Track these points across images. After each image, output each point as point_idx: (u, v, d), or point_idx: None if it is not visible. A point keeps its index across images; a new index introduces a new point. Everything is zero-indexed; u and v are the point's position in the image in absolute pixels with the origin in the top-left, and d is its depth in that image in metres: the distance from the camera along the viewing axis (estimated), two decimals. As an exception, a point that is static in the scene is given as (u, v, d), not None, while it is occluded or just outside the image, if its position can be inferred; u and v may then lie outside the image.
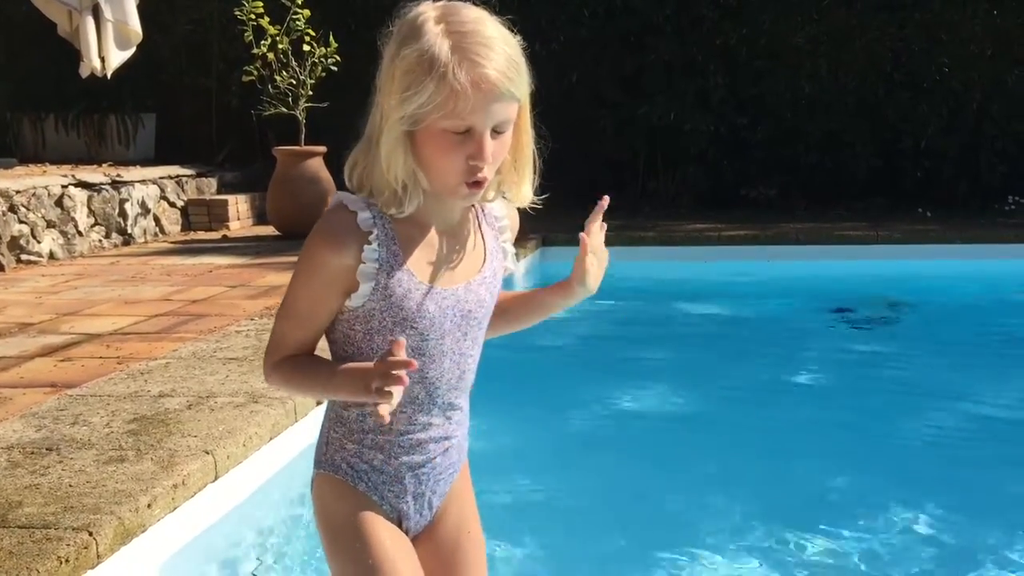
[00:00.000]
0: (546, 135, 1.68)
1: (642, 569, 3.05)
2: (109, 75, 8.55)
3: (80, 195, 7.82)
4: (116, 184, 8.28)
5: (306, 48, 8.09)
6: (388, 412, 1.48)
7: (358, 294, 1.61)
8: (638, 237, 8.37)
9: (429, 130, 1.52)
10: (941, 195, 10.40)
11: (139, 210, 8.55)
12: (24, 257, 7.17)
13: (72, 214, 7.70)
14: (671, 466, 3.98)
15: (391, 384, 1.45)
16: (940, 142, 10.34)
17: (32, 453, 3.01)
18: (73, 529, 2.44)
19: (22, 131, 10.73)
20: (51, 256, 7.44)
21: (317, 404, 3.56)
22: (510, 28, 1.57)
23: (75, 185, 7.82)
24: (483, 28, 1.52)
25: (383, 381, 1.46)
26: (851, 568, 3.09)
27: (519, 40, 1.57)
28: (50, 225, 7.49)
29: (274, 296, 5.64)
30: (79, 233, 7.78)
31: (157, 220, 8.83)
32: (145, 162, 10.02)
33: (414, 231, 1.63)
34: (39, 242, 7.34)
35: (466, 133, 1.52)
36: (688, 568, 3.06)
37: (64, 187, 7.67)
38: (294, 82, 8.08)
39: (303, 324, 1.65)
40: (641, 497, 3.68)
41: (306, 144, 8.26)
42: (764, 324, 6.69)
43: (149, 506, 2.65)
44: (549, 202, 1.74)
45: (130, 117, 10.62)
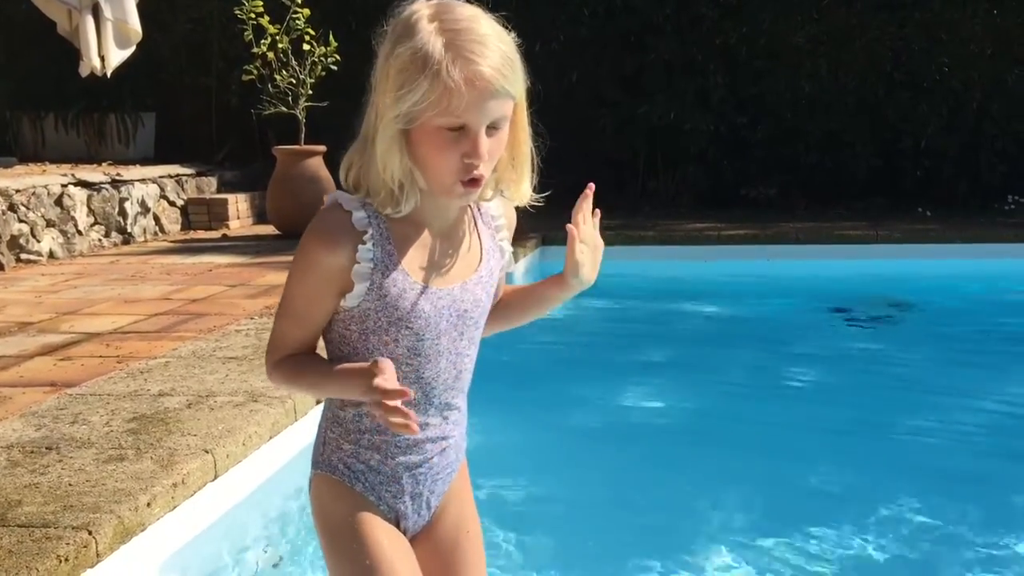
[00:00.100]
0: (544, 133, 1.67)
1: (642, 567, 3.05)
2: (109, 74, 8.54)
3: (80, 194, 7.82)
4: (116, 183, 8.28)
5: (306, 47, 8.09)
6: (413, 428, 1.49)
7: (353, 294, 1.61)
8: (638, 236, 8.36)
9: (424, 128, 1.52)
10: (941, 195, 10.41)
11: (139, 209, 8.55)
12: (24, 256, 7.17)
13: (72, 213, 7.70)
14: (671, 465, 3.99)
15: (392, 416, 1.47)
16: (940, 142, 10.34)
17: (32, 452, 3.01)
18: (73, 528, 2.44)
19: (22, 130, 10.73)
20: (51, 255, 7.44)
21: (317, 403, 3.55)
22: (505, 25, 1.56)
23: (75, 184, 7.82)
24: (477, 26, 1.52)
25: (383, 414, 1.48)
26: (852, 567, 3.09)
27: (514, 37, 1.56)
28: (50, 224, 7.49)
29: (274, 295, 5.64)
30: (79, 232, 7.78)
31: (157, 219, 8.83)
32: (145, 161, 10.02)
33: (409, 231, 1.63)
34: (39, 241, 7.34)
35: (461, 131, 1.52)
36: (688, 567, 3.07)
37: (64, 186, 7.67)
38: (294, 81, 8.08)
39: (300, 323, 1.65)
40: (641, 496, 3.68)
41: (306, 143, 8.26)
42: (764, 324, 6.69)
43: (149, 505, 2.65)
44: (549, 201, 1.74)
45: (130, 116, 10.62)
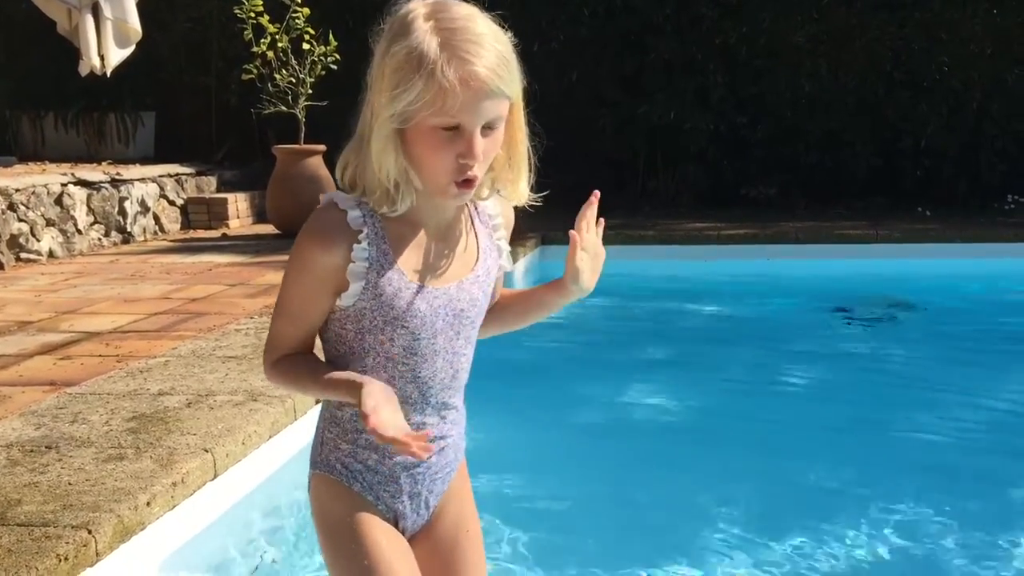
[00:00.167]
0: (541, 132, 1.66)
1: (643, 565, 3.05)
2: (108, 73, 8.54)
3: (79, 193, 7.81)
4: (115, 182, 8.27)
5: (305, 46, 8.09)
6: (420, 452, 1.48)
7: (348, 293, 1.60)
8: (638, 236, 8.36)
9: (419, 128, 1.52)
10: (941, 194, 10.41)
11: (138, 208, 8.55)
12: (23, 255, 7.17)
13: (71, 212, 7.70)
14: (670, 464, 3.98)
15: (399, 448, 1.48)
16: (940, 141, 10.34)
17: (31, 451, 3.00)
18: (72, 527, 2.43)
19: (21, 129, 10.72)
20: (50, 254, 7.44)
21: (316, 402, 3.55)
22: (501, 25, 1.55)
23: (74, 183, 7.81)
24: (473, 25, 1.51)
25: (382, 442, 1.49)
26: (852, 566, 3.09)
27: (511, 37, 1.56)
28: (49, 223, 7.49)
29: (273, 295, 5.60)
30: (78, 231, 7.78)
31: (156, 218, 8.82)
32: (144, 160, 10.02)
33: (405, 230, 1.63)
34: (38, 240, 7.34)
35: (456, 131, 1.51)
36: (688, 565, 3.07)
37: (63, 185, 7.67)
38: (293, 80, 8.08)
39: (296, 322, 1.65)
40: (641, 495, 3.68)
41: (306, 143, 8.26)
42: (763, 323, 6.69)
43: (148, 504, 2.65)
44: (548, 201, 1.73)
45: (129, 115, 10.62)
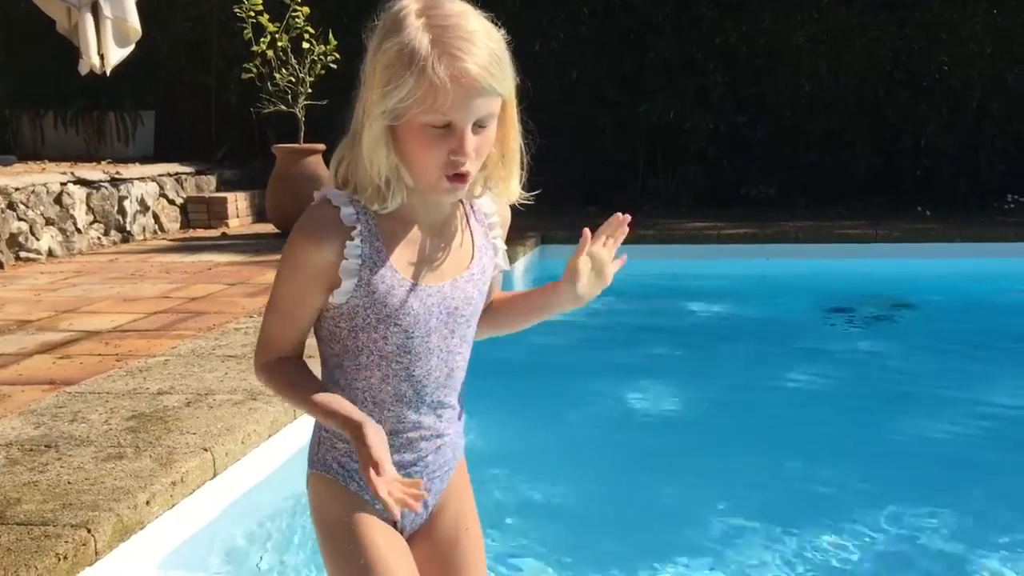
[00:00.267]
0: (534, 130, 1.66)
1: (642, 566, 3.05)
2: (108, 72, 8.53)
3: (79, 192, 7.81)
4: (115, 181, 8.27)
5: (305, 46, 8.09)
6: (413, 505, 1.49)
7: (341, 290, 1.60)
8: (638, 235, 8.28)
9: (410, 125, 1.52)
10: (941, 194, 10.41)
11: (138, 207, 8.54)
12: (23, 254, 7.17)
13: (71, 211, 7.70)
14: (670, 464, 3.98)
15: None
16: (940, 141, 10.34)
17: (31, 450, 3.00)
18: (72, 526, 2.43)
19: (21, 128, 10.71)
20: (50, 253, 7.43)
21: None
22: (494, 22, 1.55)
23: (74, 182, 7.81)
24: (465, 22, 1.50)
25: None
26: (852, 566, 3.09)
27: (504, 34, 1.55)
28: (49, 222, 7.48)
29: (273, 294, 5.63)
30: (78, 230, 7.78)
31: (156, 217, 8.82)
32: (144, 159, 10.01)
33: (398, 227, 1.62)
34: (38, 239, 7.33)
35: (447, 128, 1.51)
36: (689, 564, 3.06)
37: (63, 184, 7.67)
38: (293, 80, 8.07)
39: (288, 320, 1.64)
40: (641, 495, 3.68)
41: (305, 142, 8.26)
42: (763, 322, 6.69)
43: (148, 503, 2.65)
44: (549, 200, 1.73)
45: (129, 114, 10.61)
